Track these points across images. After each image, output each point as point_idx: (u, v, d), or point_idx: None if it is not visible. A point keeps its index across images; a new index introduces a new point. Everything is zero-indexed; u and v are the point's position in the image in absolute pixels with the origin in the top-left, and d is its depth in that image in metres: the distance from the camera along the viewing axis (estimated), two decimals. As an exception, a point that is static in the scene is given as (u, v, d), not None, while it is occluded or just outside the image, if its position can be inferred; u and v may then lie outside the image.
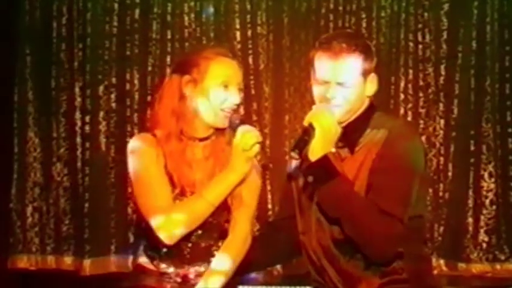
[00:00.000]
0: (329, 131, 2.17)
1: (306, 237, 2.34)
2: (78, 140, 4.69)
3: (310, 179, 2.17)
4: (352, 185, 2.15)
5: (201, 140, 2.39)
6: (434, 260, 4.38)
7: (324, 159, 2.15)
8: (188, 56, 2.44)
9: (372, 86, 2.29)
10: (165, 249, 2.34)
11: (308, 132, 2.18)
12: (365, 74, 2.24)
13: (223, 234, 2.37)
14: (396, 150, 2.14)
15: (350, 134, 2.24)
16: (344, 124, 2.25)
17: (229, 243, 2.34)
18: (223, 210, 2.36)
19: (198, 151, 2.39)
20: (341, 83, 2.21)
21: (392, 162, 2.13)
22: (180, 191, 2.32)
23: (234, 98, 2.33)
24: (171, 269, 2.36)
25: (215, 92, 2.32)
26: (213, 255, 2.36)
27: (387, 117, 2.35)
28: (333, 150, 2.21)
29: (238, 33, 4.66)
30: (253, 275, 4.19)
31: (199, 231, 2.34)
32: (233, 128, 2.33)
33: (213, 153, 2.38)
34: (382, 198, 2.10)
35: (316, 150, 2.16)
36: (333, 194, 2.14)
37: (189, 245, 2.34)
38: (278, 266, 4.36)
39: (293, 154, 2.19)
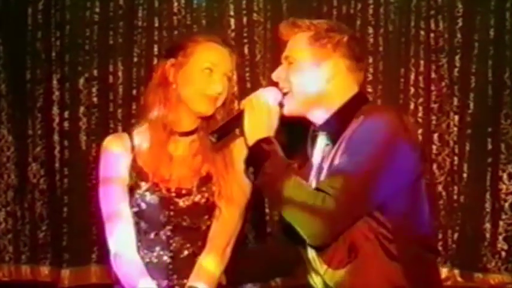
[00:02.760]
0: (260, 113, 2.13)
1: (301, 246, 2.22)
2: (56, 138, 4.59)
3: (251, 170, 2.11)
4: (283, 165, 2.06)
5: (182, 134, 2.36)
6: (448, 269, 4.37)
7: (256, 146, 2.10)
8: (178, 40, 2.49)
9: (331, 68, 2.16)
10: (147, 259, 2.31)
11: (238, 116, 2.15)
12: (315, 56, 2.16)
13: (205, 241, 2.33)
14: (359, 131, 2.04)
15: (335, 128, 2.15)
16: (326, 118, 2.17)
17: (207, 257, 2.30)
18: (204, 214, 2.32)
19: (183, 147, 2.36)
20: (286, 57, 2.19)
21: (351, 141, 2.04)
22: (152, 185, 2.30)
23: (218, 85, 2.29)
24: (155, 282, 2.28)
25: (198, 75, 2.29)
26: None
27: (374, 105, 2.33)
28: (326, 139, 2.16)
29: (232, 21, 4.55)
30: (249, 285, 4.03)
31: (180, 239, 2.32)
32: None
33: (200, 151, 2.35)
34: (327, 176, 2.05)
35: (250, 136, 2.12)
36: (264, 179, 2.07)
37: (170, 254, 2.32)
38: (276, 277, 4.35)
39: (210, 137, 2.16)
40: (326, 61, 2.15)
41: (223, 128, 2.17)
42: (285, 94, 2.17)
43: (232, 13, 4.51)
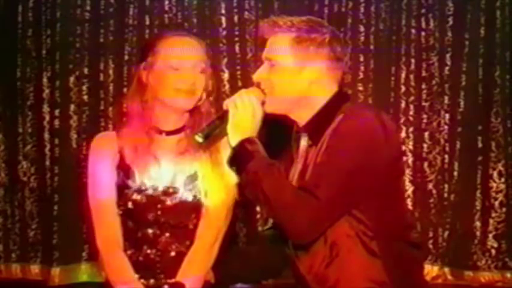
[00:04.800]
0: (244, 114, 2.12)
1: (286, 245, 2.25)
2: (47, 136, 4.54)
3: (234, 169, 2.12)
4: (267, 166, 2.07)
5: (168, 133, 2.37)
6: (438, 267, 4.37)
7: (239, 146, 2.10)
8: (149, 40, 2.32)
9: (313, 71, 2.16)
10: (134, 258, 2.33)
11: (222, 116, 2.15)
12: (301, 56, 2.15)
13: (193, 240, 2.34)
14: (339, 129, 2.06)
15: (316, 129, 2.16)
16: (308, 119, 2.18)
17: (195, 254, 2.32)
18: (191, 212, 2.33)
19: (170, 146, 2.37)
20: (267, 58, 2.18)
21: (332, 140, 2.05)
22: (139, 184, 2.32)
23: (189, 78, 2.30)
24: (142, 281, 2.31)
25: (169, 72, 2.30)
26: None
27: (354, 104, 2.29)
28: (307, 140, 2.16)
29: (223, 19, 4.53)
30: (239, 285, 4.02)
31: (168, 238, 2.33)
32: None
33: (189, 149, 2.34)
34: (310, 175, 2.06)
35: (232, 137, 2.12)
36: (248, 178, 2.08)
37: (158, 253, 2.33)
38: (267, 276, 4.29)
39: (196, 137, 2.14)
40: (308, 63, 2.15)
41: (208, 128, 2.15)
42: (266, 94, 2.16)
43: (223, 11, 4.48)
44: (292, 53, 2.14)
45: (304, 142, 2.21)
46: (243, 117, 2.12)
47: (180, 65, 2.29)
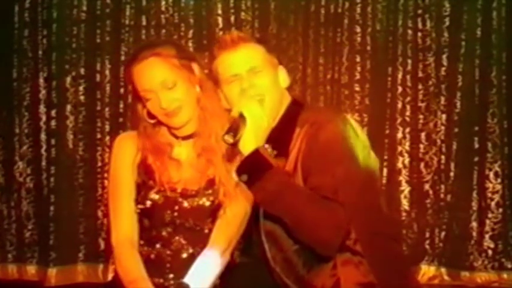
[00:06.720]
0: (260, 121, 2.13)
1: (264, 256, 2.28)
2: (43, 136, 4.52)
3: (244, 177, 2.09)
4: (288, 176, 2.12)
5: (184, 138, 2.37)
6: (435, 268, 4.37)
7: (255, 153, 2.08)
8: (128, 62, 2.39)
9: (284, 77, 2.30)
10: (145, 255, 2.34)
11: (239, 121, 2.12)
12: (272, 65, 2.26)
13: (207, 243, 2.33)
14: (321, 138, 2.12)
15: (280, 139, 2.21)
16: (271, 128, 2.21)
17: (205, 257, 2.29)
18: (208, 216, 2.33)
19: (188, 149, 2.38)
20: (251, 68, 2.21)
21: (320, 150, 2.11)
22: (159, 189, 2.33)
23: (163, 102, 2.28)
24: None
25: (146, 104, 2.32)
26: None
27: (313, 111, 2.34)
28: (271, 150, 2.21)
29: (220, 20, 4.50)
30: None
31: (182, 239, 2.33)
32: None
33: (205, 150, 2.34)
34: (320, 185, 2.07)
35: (247, 144, 2.10)
36: (269, 188, 2.06)
37: (170, 253, 2.33)
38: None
39: (227, 138, 2.08)
40: (277, 69, 2.26)
41: (231, 128, 2.11)
42: (262, 102, 2.19)
43: (220, 12, 4.46)
44: (268, 61, 2.23)
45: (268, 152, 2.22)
46: (260, 124, 2.13)
47: (150, 93, 2.27)
